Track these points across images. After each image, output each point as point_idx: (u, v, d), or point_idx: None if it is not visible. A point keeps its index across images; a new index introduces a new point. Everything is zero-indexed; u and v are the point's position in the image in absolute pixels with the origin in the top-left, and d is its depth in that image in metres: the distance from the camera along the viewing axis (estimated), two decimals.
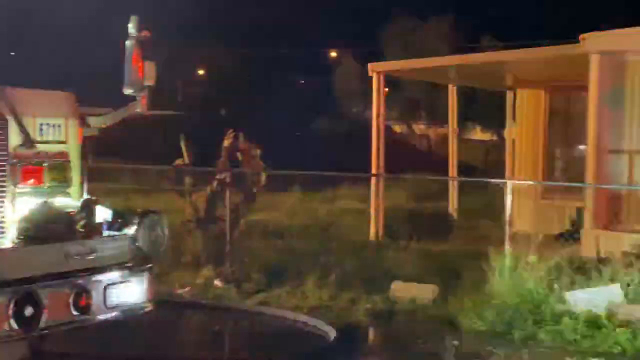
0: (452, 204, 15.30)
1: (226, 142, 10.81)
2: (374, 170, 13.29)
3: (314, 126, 33.04)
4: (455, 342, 7.89)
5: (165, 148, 12.19)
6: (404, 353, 7.83)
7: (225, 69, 37.86)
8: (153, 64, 5.42)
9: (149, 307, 5.07)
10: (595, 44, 11.05)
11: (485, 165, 27.81)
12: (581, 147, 13.31)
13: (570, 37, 11.81)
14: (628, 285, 8.39)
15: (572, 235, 12.27)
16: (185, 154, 10.41)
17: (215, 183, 10.78)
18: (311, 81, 37.85)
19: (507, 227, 9.76)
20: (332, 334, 7.74)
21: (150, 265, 5.07)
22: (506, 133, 16.04)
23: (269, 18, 37.69)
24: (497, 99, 19.99)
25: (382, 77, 13.23)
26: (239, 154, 10.80)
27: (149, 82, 5.40)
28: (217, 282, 9.54)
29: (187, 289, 9.35)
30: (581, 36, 11.08)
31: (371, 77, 13.23)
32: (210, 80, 40.07)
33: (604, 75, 11.10)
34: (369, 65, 13.36)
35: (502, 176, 15.42)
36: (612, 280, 8.55)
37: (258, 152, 10.98)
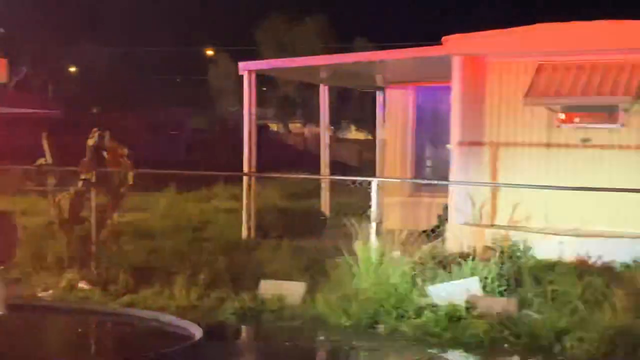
0: (325, 203, 15.50)
1: (90, 141, 10.53)
2: (246, 169, 13.29)
3: (190, 125, 32.72)
4: (321, 338, 8.03)
5: (30, 147, 11.81)
6: (270, 351, 7.89)
7: (98, 67, 36.93)
8: (4, 60, 5.24)
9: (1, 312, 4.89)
10: (457, 46, 11.47)
11: (360, 164, 28.35)
12: (448, 146, 13.77)
13: (439, 38, 12.21)
14: (486, 278, 8.78)
15: (438, 231, 12.66)
16: (47, 153, 10.10)
17: (80, 183, 10.50)
18: (188, 80, 37.45)
19: (372, 224, 9.96)
20: (198, 333, 7.70)
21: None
22: (377, 132, 16.38)
23: (146, 15, 37.04)
24: (370, 99, 20.42)
25: (253, 76, 13.24)
26: (105, 153, 10.55)
27: (1, 79, 5.22)
28: (81, 285, 9.31)
29: (49, 292, 9.08)
30: (444, 38, 11.47)
31: (242, 76, 13.24)
32: (82, 78, 38.99)
33: (466, 76, 11.54)
34: (240, 64, 13.35)
35: (374, 174, 15.76)
36: (472, 273, 8.91)
37: (125, 151, 10.76)
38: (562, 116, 11.28)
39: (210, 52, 37.59)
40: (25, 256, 9.87)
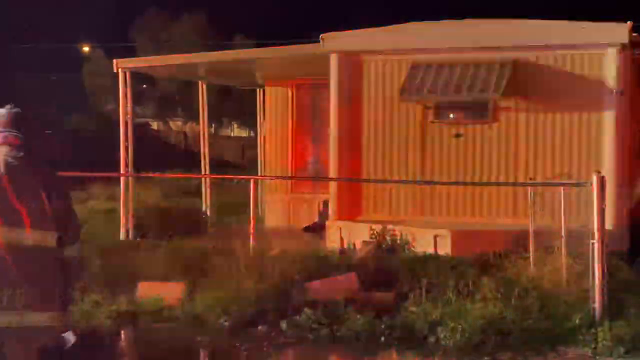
0: (206, 202, 15.37)
1: None
2: (122, 169, 12.99)
3: (65, 124, 31.73)
4: (200, 339, 7.95)
5: None
6: (146, 354, 7.75)
7: None
8: None
9: None
10: (334, 43, 11.60)
11: (242, 162, 28.26)
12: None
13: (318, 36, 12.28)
14: (364, 273, 8.91)
15: (319, 227, 12.78)
16: None
17: None
18: (62, 77, 36.28)
19: (252, 222, 9.95)
20: (71, 339, 7.46)
21: None
22: (258, 130, 16.37)
23: (18, 10, 35.62)
24: (251, 97, 20.36)
25: (128, 74, 12.96)
26: None
27: None
28: None
29: None
30: (321, 36, 11.57)
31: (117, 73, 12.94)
32: None
33: (343, 73, 11.68)
34: (114, 61, 13.05)
35: (257, 172, 15.74)
36: (350, 269, 9.03)
37: None
38: (437, 113, 11.59)
39: (85, 49, 36.59)
40: None
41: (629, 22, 10.43)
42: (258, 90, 15.87)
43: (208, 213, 14.96)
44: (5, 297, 3.81)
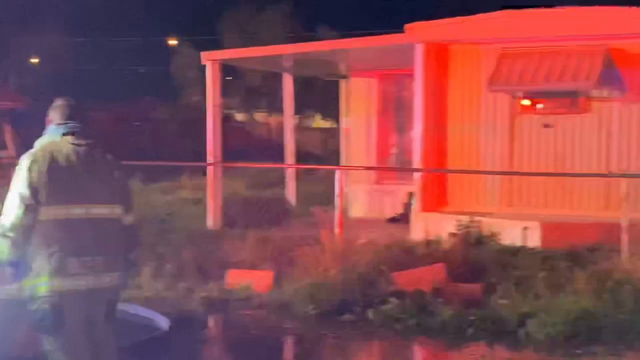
0: (290, 192, 15.52)
1: None
2: (210, 160, 13.24)
3: (153, 116, 32.46)
4: (288, 326, 8.06)
5: None
6: (237, 340, 7.91)
7: (60, 58, 36.45)
8: None
9: None
10: (420, 34, 11.53)
11: (325, 153, 28.35)
12: (412, 134, 13.84)
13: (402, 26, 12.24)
14: (452, 264, 8.86)
15: (404, 218, 12.76)
16: (9, 145, 9.98)
17: None
18: (151, 70, 37.14)
19: (337, 212, 10.00)
20: (166, 324, 7.69)
21: None
22: (341, 121, 16.42)
23: (109, 5, 36.64)
24: (335, 88, 20.40)
25: (217, 66, 13.18)
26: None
27: None
28: None
29: None
30: (407, 26, 11.52)
31: (205, 66, 13.17)
32: (44, 69, 38.48)
33: (428, 63, 11.60)
34: (203, 53, 13.28)
35: (339, 163, 15.80)
36: (436, 260, 8.99)
37: None
38: (526, 102, 11.41)
39: (173, 42, 37.33)
40: None
41: None
42: (341, 81, 15.90)
43: (293, 203, 15.10)
44: (87, 263, 4.40)
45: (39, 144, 4.54)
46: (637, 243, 8.71)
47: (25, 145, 9.95)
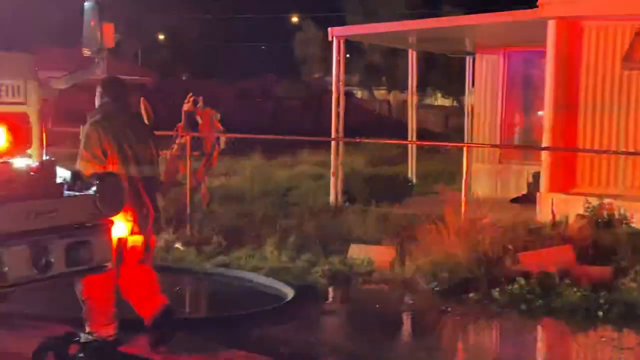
0: (411, 169, 15.48)
1: (185, 107, 10.79)
2: (333, 135, 13.36)
3: (276, 93, 32.97)
4: (410, 302, 8.08)
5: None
6: (359, 313, 7.99)
7: (185, 35, 37.49)
8: (111, 25, 5.40)
9: (109, 266, 5.14)
10: (553, 9, 11.20)
11: (446, 131, 28.08)
12: (539, 112, 13.52)
13: (530, 2, 11.93)
14: (580, 246, 8.65)
15: (528, 198, 12.51)
16: (145, 118, 10.37)
17: (175, 147, 10.78)
18: (273, 47, 37.68)
19: (463, 190, 9.90)
20: (290, 293, 7.87)
21: (109, 225, 5.13)
22: (465, 99, 16.22)
23: None
24: (457, 65, 20.14)
25: (342, 42, 13.25)
26: (198, 118, 10.79)
27: (108, 44, 5.39)
28: (177, 245, 9.60)
29: None
30: (539, 1, 11.22)
31: (331, 42, 13.26)
32: (171, 46, 39.65)
33: (561, 40, 11.28)
34: (329, 29, 13.36)
35: (462, 142, 15.62)
36: (564, 241, 8.79)
37: (218, 116, 10.98)
38: None
39: (295, 19, 37.70)
40: None
41: None
42: (467, 58, 15.68)
43: (414, 180, 15.06)
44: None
45: None
46: None
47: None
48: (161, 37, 40.58)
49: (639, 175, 10.98)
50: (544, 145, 11.54)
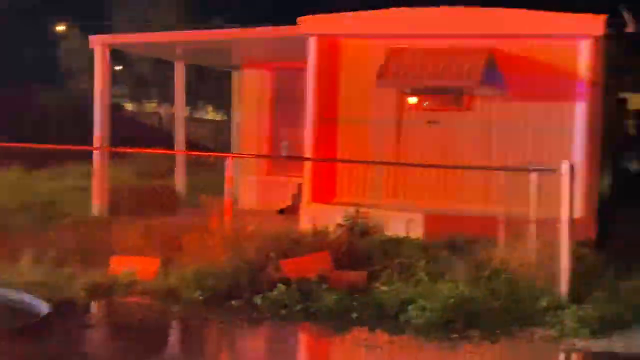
0: (180, 181, 15.41)
1: None
2: (96, 144, 12.99)
3: (40, 101, 31.45)
4: (174, 312, 8.03)
5: None
6: (120, 325, 7.83)
7: None
8: None
9: None
10: (312, 26, 11.67)
11: (216, 145, 28.22)
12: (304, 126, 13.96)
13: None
14: (337, 253, 9.05)
15: (293, 209, 12.90)
16: None
17: None
18: (37, 55, 35.95)
19: (226, 199, 10.02)
20: (45, 309, 7.54)
21: None
22: (233, 113, 16.40)
23: None
24: (228, 79, 20.31)
25: (106, 51, 12.94)
26: None
27: None
28: None
29: None
30: (299, 19, 11.64)
31: (93, 50, 12.91)
32: None
33: (321, 57, 11.77)
34: (91, 37, 13.00)
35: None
36: (323, 249, 9.16)
37: None
38: (413, 100, 11.72)
39: (61, 27, 36.26)
40: None
41: (603, 15, 10.62)
42: (234, 72, 15.89)
43: (183, 192, 15.00)
44: None
45: None
46: (513, 235, 9.12)
47: None
48: None
49: (392, 186, 11.67)
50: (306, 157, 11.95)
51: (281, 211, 13.58)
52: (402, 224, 10.57)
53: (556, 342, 7.27)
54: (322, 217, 11.05)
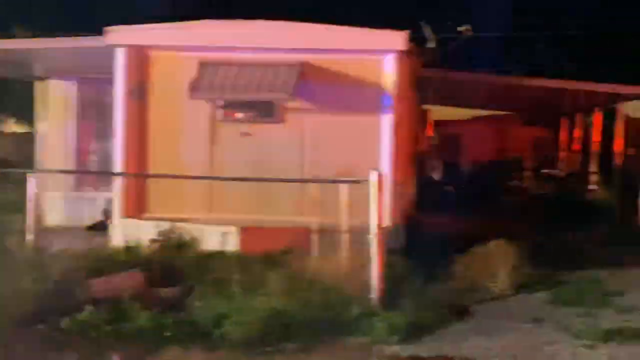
0: None
1: None
2: None
3: None
4: None
5: None
6: None
7: None
8: None
9: None
10: (119, 37, 11.35)
11: (20, 160, 26.77)
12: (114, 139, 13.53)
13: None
14: (149, 270, 8.82)
15: (104, 225, 12.45)
16: None
17: None
18: None
19: (30, 219, 9.52)
20: None
21: None
22: (37, 125, 15.62)
23: None
24: (32, 91, 19.32)
25: None
26: None
27: None
28: None
29: None
30: (105, 29, 11.28)
31: None
32: None
33: (129, 68, 11.46)
34: None
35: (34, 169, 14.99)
36: (136, 267, 8.89)
37: None
38: (227, 112, 11.67)
39: None
40: None
41: (406, 31, 11.07)
42: (37, 83, 15.14)
43: None
44: None
45: None
46: (326, 245, 9.28)
47: None
48: None
49: (208, 200, 11.54)
50: (116, 172, 11.59)
51: (91, 227, 13.09)
52: (218, 237, 10.50)
53: (368, 350, 7.44)
54: (134, 233, 10.77)
